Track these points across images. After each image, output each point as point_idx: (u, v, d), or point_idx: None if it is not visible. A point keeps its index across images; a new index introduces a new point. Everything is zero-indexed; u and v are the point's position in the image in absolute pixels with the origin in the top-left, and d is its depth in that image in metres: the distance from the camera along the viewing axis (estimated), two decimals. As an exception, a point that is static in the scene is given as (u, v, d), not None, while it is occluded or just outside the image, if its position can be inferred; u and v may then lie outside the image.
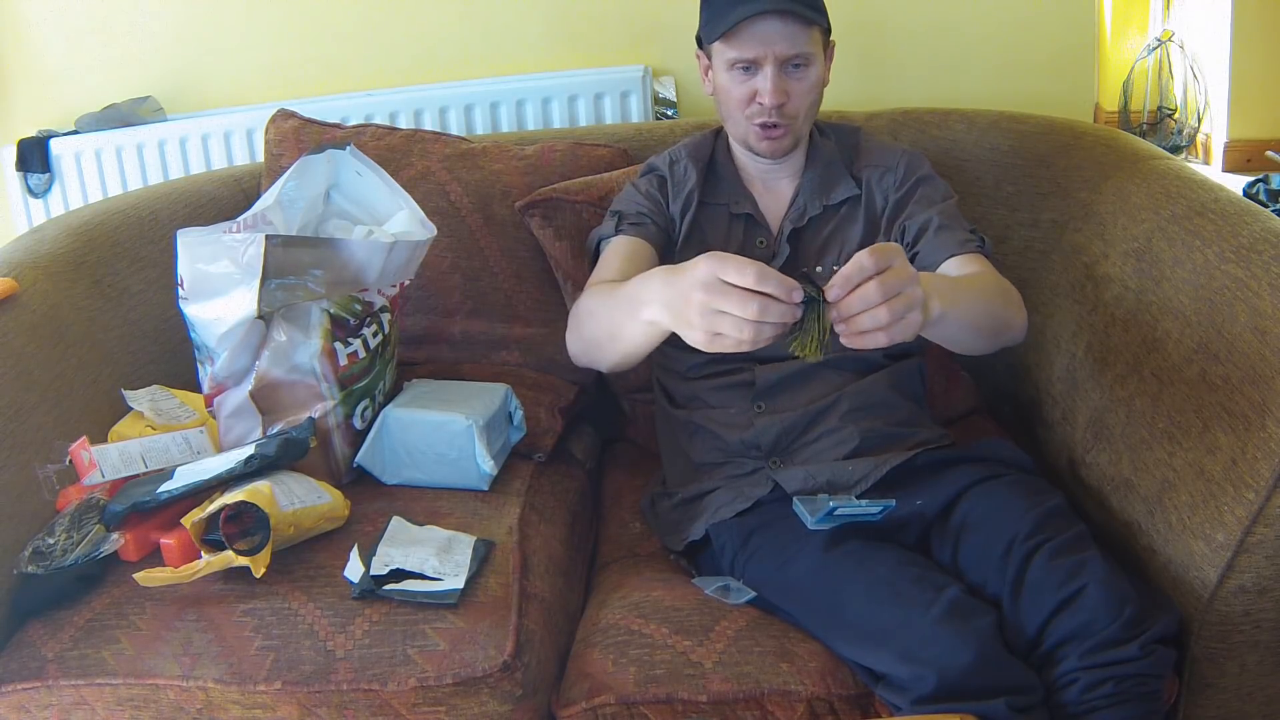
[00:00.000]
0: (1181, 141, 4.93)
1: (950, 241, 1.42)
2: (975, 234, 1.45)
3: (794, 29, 1.39)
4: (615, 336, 1.27)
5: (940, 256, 1.42)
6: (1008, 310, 1.35)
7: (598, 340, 1.33)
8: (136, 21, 2.27)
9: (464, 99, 2.22)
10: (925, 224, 1.45)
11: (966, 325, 1.26)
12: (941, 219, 1.45)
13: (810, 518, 1.26)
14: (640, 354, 1.31)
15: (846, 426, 1.41)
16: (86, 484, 1.32)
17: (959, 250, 1.41)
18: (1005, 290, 1.37)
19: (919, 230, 1.46)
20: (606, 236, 1.53)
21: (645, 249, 1.50)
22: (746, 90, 1.44)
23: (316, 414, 1.41)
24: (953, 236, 1.43)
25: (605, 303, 1.30)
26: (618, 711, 1.16)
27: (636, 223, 1.52)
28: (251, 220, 1.39)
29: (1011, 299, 1.37)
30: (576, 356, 1.43)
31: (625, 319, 1.22)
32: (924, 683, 1.07)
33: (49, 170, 2.28)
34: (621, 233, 1.51)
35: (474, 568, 1.26)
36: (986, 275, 1.38)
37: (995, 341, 1.35)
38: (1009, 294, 1.37)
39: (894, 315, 1.04)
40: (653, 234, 1.52)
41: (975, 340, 1.31)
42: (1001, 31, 2.21)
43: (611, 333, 1.28)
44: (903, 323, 1.05)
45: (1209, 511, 1.15)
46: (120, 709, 1.17)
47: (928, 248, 1.44)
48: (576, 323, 1.40)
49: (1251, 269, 1.21)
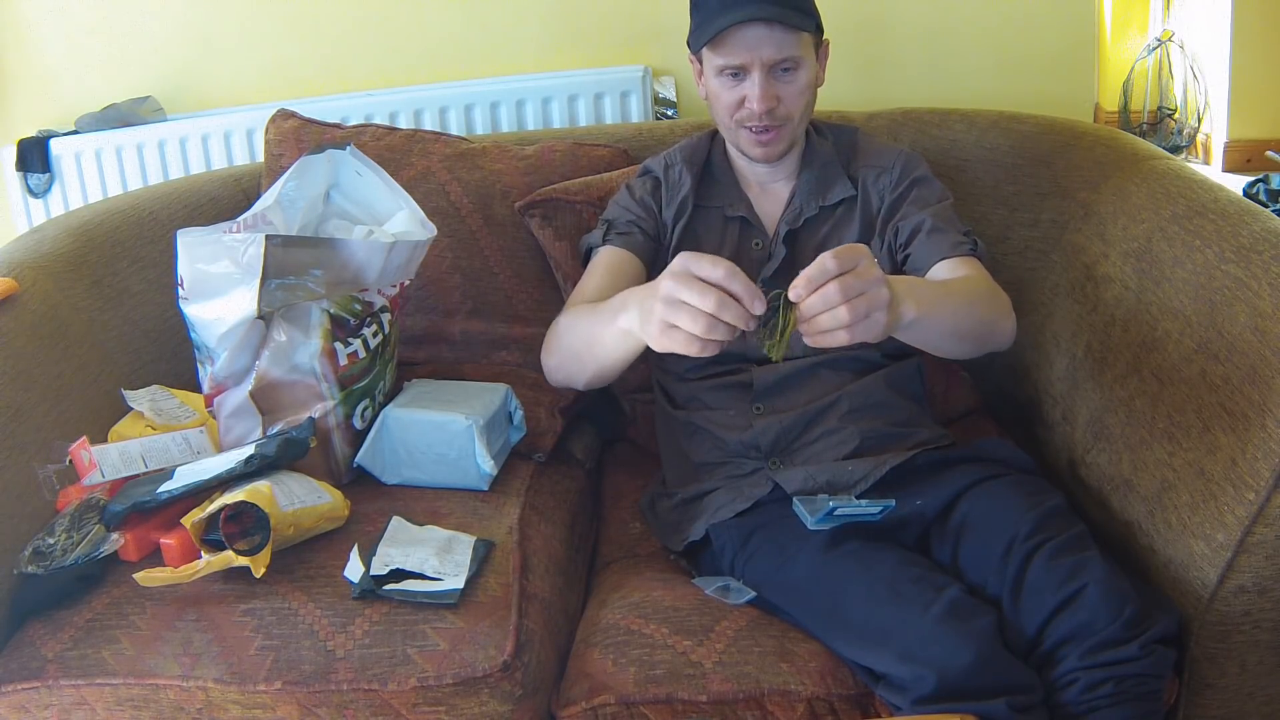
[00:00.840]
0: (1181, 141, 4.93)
1: (942, 244, 1.42)
2: (969, 236, 1.45)
3: (780, 35, 1.39)
4: (592, 344, 1.31)
5: (931, 259, 1.42)
6: (993, 316, 1.35)
7: (575, 352, 1.37)
8: (136, 21, 2.27)
9: (464, 99, 2.22)
10: (918, 226, 1.45)
11: (945, 331, 1.26)
12: (935, 221, 1.45)
13: (810, 518, 1.26)
14: (615, 366, 1.34)
15: (846, 427, 1.41)
16: (86, 484, 1.32)
17: (951, 253, 1.41)
18: (992, 295, 1.37)
19: (911, 232, 1.46)
20: (595, 245, 1.55)
21: (629, 262, 1.51)
22: (736, 96, 1.44)
23: (316, 414, 1.41)
24: (945, 239, 1.43)
25: (584, 318, 1.34)
26: (618, 711, 1.16)
27: (624, 232, 1.53)
28: (251, 220, 1.39)
29: (999, 304, 1.37)
30: (551, 372, 1.46)
31: (602, 328, 1.26)
32: (924, 683, 1.07)
33: (49, 170, 2.28)
34: (609, 242, 1.53)
35: (474, 568, 1.26)
36: (974, 280, 1.38)
37: (979, 347, 1.36)
38: (996, 299, 1.37)
39: (855, 315, 1.05)
40: (640, 244, 1.53)
41: (957, 346, 1.32)
42: (1001, 31, 2.21)
43: (589, 342, 1.32)
44: (866, 322, 1.06)
45: (1209, 511, 1.15)
46: (120, 709, 1.17)
47: (919, 250, 1.44)
48: (554, 338, 1.43)
49: (1251, 269, 1.21)
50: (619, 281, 1.47)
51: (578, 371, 1.39)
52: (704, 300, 1.05)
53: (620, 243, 1.52)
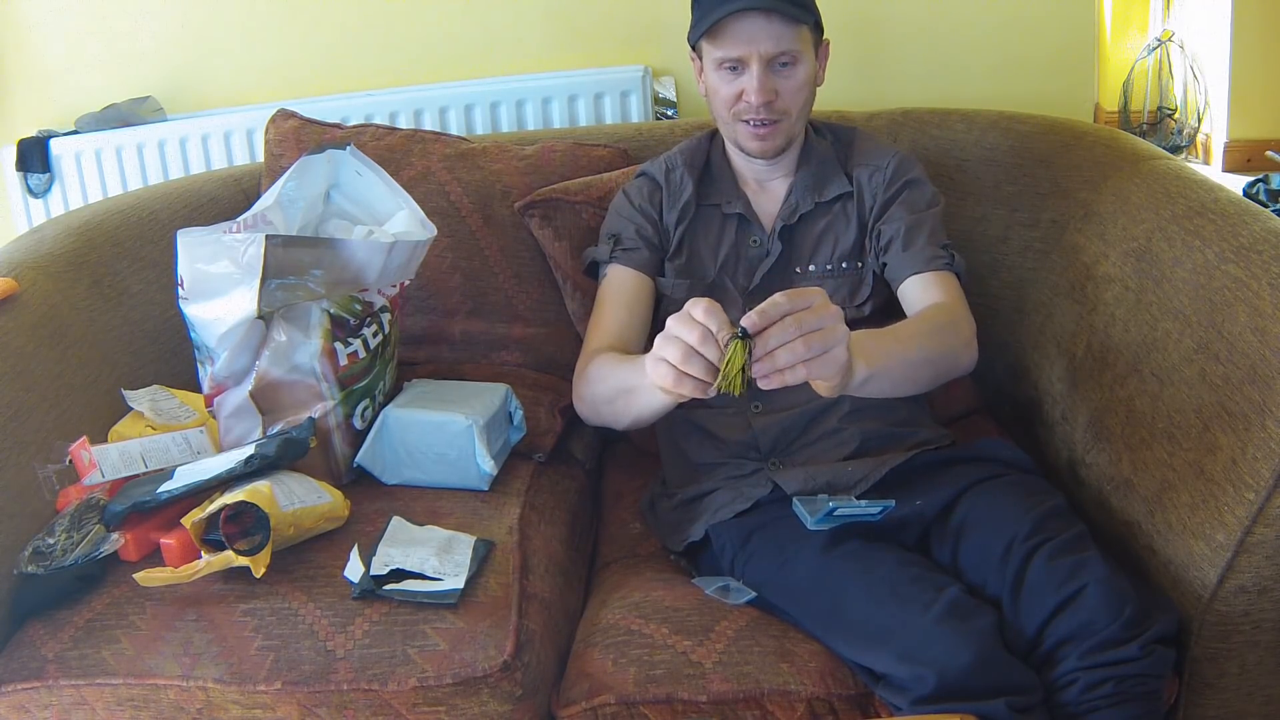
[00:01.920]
0: (1181, 141, 4.93)
1: (917, 258, 1.43)
2: (946, 250, 1.45)
3: (779, 27, 1.39)
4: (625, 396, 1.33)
5: (904, 273, 1.43)
6: (950, 350, 1.35)
7: (608, 400, 1.38)
8: (136, 21, 2.27)
9: (464, 99, 2.22)
10: (896, 233, 1.46)
11: (899, 380, 1.28)
12: (915, 231, 1.45)
13: (810, 518, 1.26)
14: (649, 417, 1.35)
15: (846, 427, 1.41)
16: (86, 484, 1.32)
17: (924, 268, 1.42)
18: (952, 327, 1.37)
19: (890, 238, 1.47)
20: (602, 260, 1.56)
21: (640, 285, 1.53)
22: (734, 90, 1.44)
23: (316, 414, 1.41)
24: (920, 253, 1.43)
25: (618, 368, 1.36)
26: (618, 711, 1.16)
27: (631, 248, 1.54)
28: (251, 220, 1.39)
29: (959, 336, 1.37)
30: (587, 417, 1.48)
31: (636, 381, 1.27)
32: (924, 683, 1.07)
33: (49, 170, 2.28)
34: (615, 260, 1.54)
35: (474, 568, 1.26)
36: (938, 309, 1.38)
37: (935, 384, 1.37)
38: (956, 330, 1.37)
39: (811, 350, 1.05)
40: (646, 260, 1.54)
41: (912, 389, 1.33)
42: (1001, 31, 2.21)
43: (622, 391, 1.34)
44: (824, 358, 1.06)
45: (1209, 511, 1.15)
46: (120, 709, 1.17)
47: (894, 262, 1.45)
48: (584, 385, 1.44)
49: (1251, 269, 1.21)
50: (635, 309, 1.50)
51: (613, 419, 1.41)
52: (690, 334, 1.07)
53: (627, 260, 1.54)
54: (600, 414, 1.43)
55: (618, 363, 1.38)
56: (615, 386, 1.35)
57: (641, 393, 1.26)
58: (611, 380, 1.37)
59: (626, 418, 1.37)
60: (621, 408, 1.35)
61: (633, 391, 1.30)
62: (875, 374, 1.17)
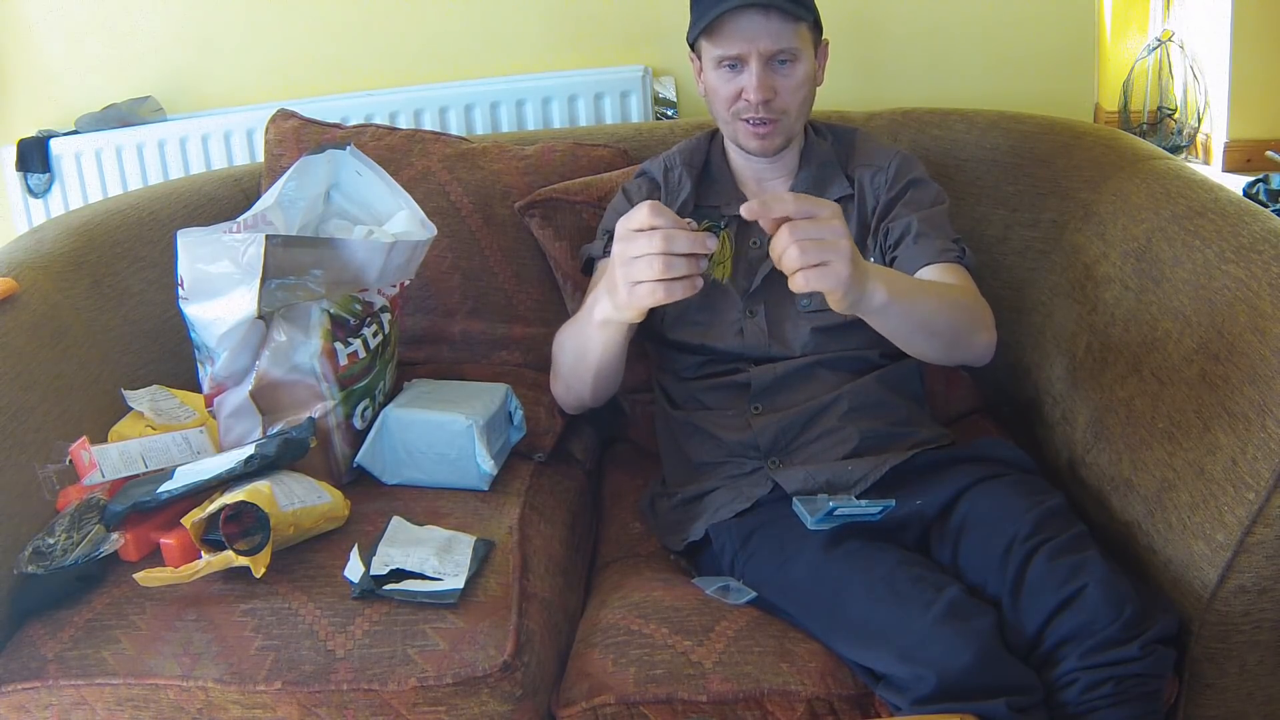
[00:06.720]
0: (1181, 141, 4.93)
1: (928, 250, 1.43)
2: (957, 244, 1.45)
3: (777, 24, 1.39)
4: (582, 350, 1.35)
5: (916, 264, 1.42)
6: (969, 324, 1.35)
7: (571, 365, 1.41)
8: (136, 21, 2.27)
9: (464, 99, 2.22)
10: (906, 229, 1.46)
11: (916, 324, 1.27)
12: (923, 225, 1.45)
13: (810, 518, 1.26)
14: (610, 363, 1.37)
15: (846, 426, 1.41)
16: (86, 484, 1.32)
17: (936, 259, 1.42)
18: (972, 305, 1.37)
19: (900, 234, 1.46)
20: (596, 255, 1.57)
21: None
22: (733, 88, 1.44)
23: (316, 414, 1.41)
24: (931, 245, 1.43)
25: (570, 330, 1.39)
26: (618, 711, 1.16)
27: None
28: (251, 220, 1.39)
29: (978, 316, 1.37)
30: (562, 397, 1.51)
31: (586, 329, 1.30)
32: (924, 683, 1.07)
33: (49, 170, 2.28)
34: (608, 254, 1.53)
35: (474, 568, 1.26)
36: (956, 287, 1.38)
37: (951, 351, 1.36)
38: (975, 310, 1.37)
39: (806, 257, 1.07)
40: None
41: (927, 344, 1.32)
42: (1001, 31, 2.21)
43: (579, 349, 1.36)
44: (821, 269, 1.08)
45: (1209, 511, 1.15)
46: (120, 709, 1.17)
47: (905, 254, 1.44)
48: (554, 363, 1.47)
49: (1251, 269, 1.21)
50: None
51: (580, 385, 1.42)
52: (651, 243, 1.08)
53: None
54: (572, 389, 1.45)
55: (568, 325, 1.40)
56: (573, 347, 1.38)
57: (592, 331, 1.28)
58: (569, 344, 1.39)
59: (589, 373, 1.39)
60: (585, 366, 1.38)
61: (588, 339, 1.32)
62: (894, 303, 1.17)
